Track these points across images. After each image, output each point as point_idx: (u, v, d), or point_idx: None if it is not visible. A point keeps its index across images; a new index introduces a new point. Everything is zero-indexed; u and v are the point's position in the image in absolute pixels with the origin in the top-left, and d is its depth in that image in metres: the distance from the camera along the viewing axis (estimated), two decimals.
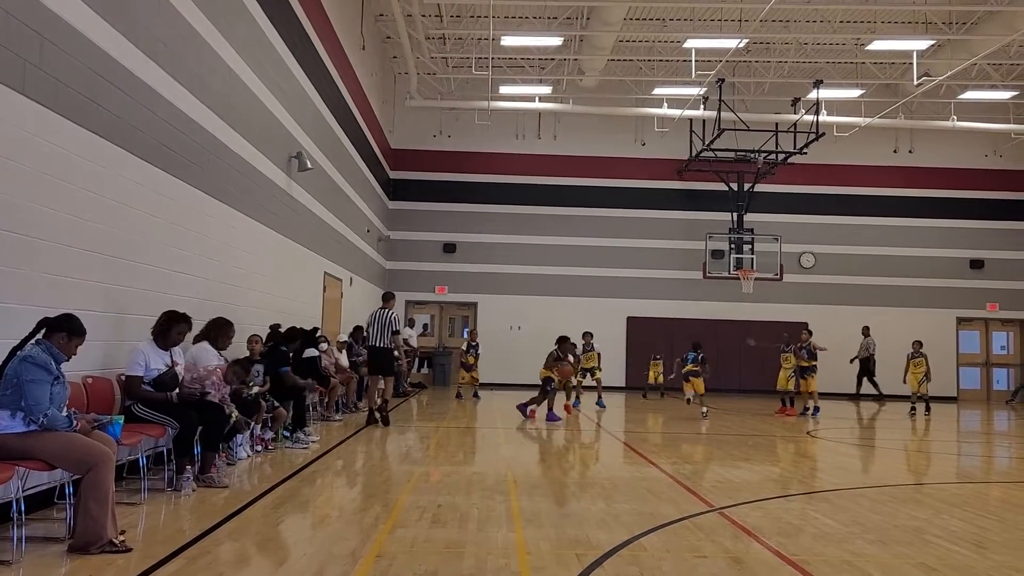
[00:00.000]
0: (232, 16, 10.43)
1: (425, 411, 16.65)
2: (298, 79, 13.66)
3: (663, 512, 6.77)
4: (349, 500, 7.45)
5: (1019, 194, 25.79)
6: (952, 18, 19.64)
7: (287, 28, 12.82)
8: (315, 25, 14.62)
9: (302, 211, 14.29)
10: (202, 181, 9.45)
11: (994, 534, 6.35)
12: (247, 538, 5.76)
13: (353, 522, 6.28)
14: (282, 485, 7.57)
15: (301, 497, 7.23)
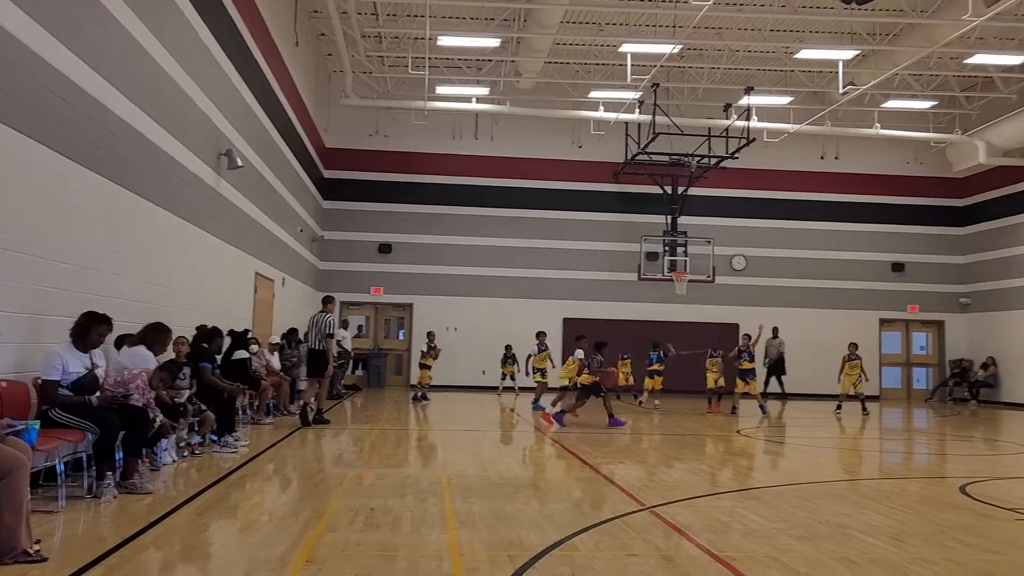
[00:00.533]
0: (159, 8, 10.16)
1: (359, 413, 16.48)
2: (228, 74, 13.39)
3: (596, 512, 6.82)
4: (279, 504, 7.31)
5: (938, 200, 26.72)
6: (875, 29, 20.25)
7: (217, 22, 12.56)
8: (247, 20, 14.35)
9: (232, 210, 14.01)
10: (125, 178, 9.18)
11: (911, 528, 6.55)
12: (171, 545, 5.61)
13: (283, 527, 6.16)
14: (209, 490, 7.39)
15: (229, 502, 7.07)
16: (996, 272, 25.11)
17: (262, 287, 16.31)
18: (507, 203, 25.47)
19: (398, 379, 25.34)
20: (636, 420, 16.34)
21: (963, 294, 26.45)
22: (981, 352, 25.40)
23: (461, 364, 24.33)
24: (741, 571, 5.09)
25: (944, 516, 7.04)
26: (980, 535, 6.31)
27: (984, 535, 6.33)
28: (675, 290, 23.93)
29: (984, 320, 25.62)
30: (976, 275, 26.09)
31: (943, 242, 26.69)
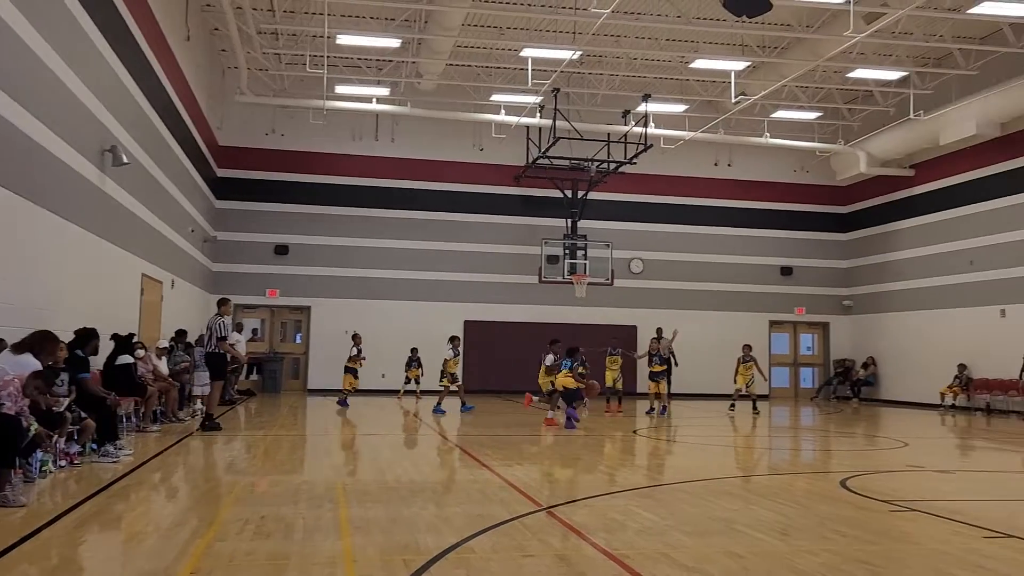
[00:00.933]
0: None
1: (253, 419, 16.04)
2: (113, 68, 12.84)
3: (493, 514, 6.80)
4: (165, 515, 7.02)
5: (823, 207, 27.92)
6: (765, 42, 21.01)
7: (100, 11, 12.02)
8: (133, 11, 13.79)
9: (117, 209, 13.43)
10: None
11: (796, 521, 6.80)
12: (46, 560, 5.31)
13: (168, 537, 5.92)
14: (88, 502, 7.04)
15: (111, 514, 6.76)
16: (876, 276, 26.41)
17: (149, 289, 15.69)
18: (408, 205, 25.30)
19: (295, 383, 24.80)
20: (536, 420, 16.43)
21: (846, 297, 27.71)
22: (862, 352, 26.66)
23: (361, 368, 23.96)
24: (634, 568, 5.17)
25: (826, 509, 7.34)
26: (858, 527, 6.60)
27: (861, 526, 6.62)
28: (575, 293, 24.25)
29: (865, 322, 26.90)
30: (858, 279, 27.38)
31: (828, 247, 27.90)
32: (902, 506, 7.50)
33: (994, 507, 7.97)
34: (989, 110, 20.41)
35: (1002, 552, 5.80)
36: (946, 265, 23.32)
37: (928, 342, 23.72)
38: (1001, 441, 14.84)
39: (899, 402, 24.57)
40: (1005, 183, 21.37)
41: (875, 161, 24.88)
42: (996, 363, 20.87)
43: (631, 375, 21.64)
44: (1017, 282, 20.85)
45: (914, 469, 10.59)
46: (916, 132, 22.58)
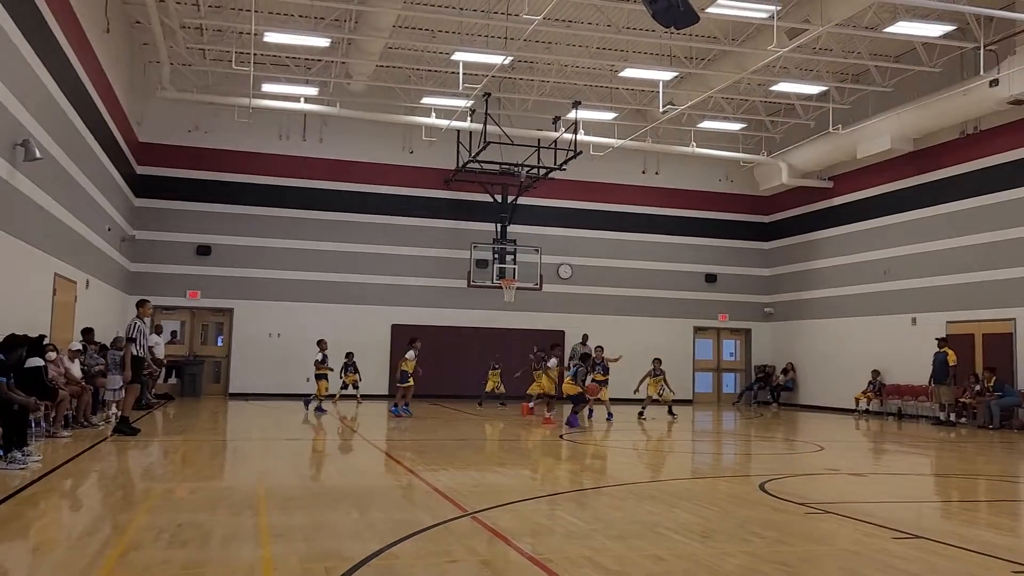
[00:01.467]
0: None
1: (171, 423, 15.61)
2: (26, 58, 12.35)
3: (418, 519, 6.75)
4: (76, 523, 6.78)
5: (746, 216, 28.60)
6: (693, 53, 21.43)
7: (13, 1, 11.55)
8: (49, 1, 13.30)
9: (29, 205, 12.91)
10: None
11: (716, 524, 6.93)
12: None
13: (79, 547, 5.71)
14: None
15: (19, 522, 6.48)
16: (795, 284, 27.16)
17: (62, 289, 15.13)
18: (335, 207, 24.98)
19: (216, 387, 24.22)
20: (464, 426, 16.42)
21: (767, 304, 28.42)
22: (782, 358, 27.37)
23: (284, 371, 23.61)
24: (557, 573, 5.19)
25: (745, 512, 7.50)
26: (776, 528, 6.76)
27: (779, 528, 6.78)
28: (503, 297, 24.29)
29: (785, 328, 27.63)
30: (778, 287, 28.12)
31: (750, 255, 28.58)
32: (817, 508, 7.72)
33: (903, 509, 8.27)
34: (903, 126, 21.20)
35: (910, 552, 6.01)
36: (862, 274, 24.12)
37: (844, 349, 24.49)
38: (911, 445, 15.41)
39: (816, 407, 25.30)
40: (917, 196, 22.23)
41: (796, 172, 25.60)
42: (907, 369, 21.67)
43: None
44: (928, 292, 21.69)
45: (829, 472, 10.91)
46: (835, 145, 23.32)
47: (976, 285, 20.22)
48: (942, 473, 11.75)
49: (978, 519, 7.99)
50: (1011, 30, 17.80)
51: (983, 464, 12.57)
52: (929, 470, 12.16)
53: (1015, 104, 18.45)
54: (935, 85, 20.34)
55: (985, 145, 20.24)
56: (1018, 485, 10.71)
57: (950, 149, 21.19)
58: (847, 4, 16.24)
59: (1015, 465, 12.71)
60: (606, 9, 18.72)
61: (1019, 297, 19.01)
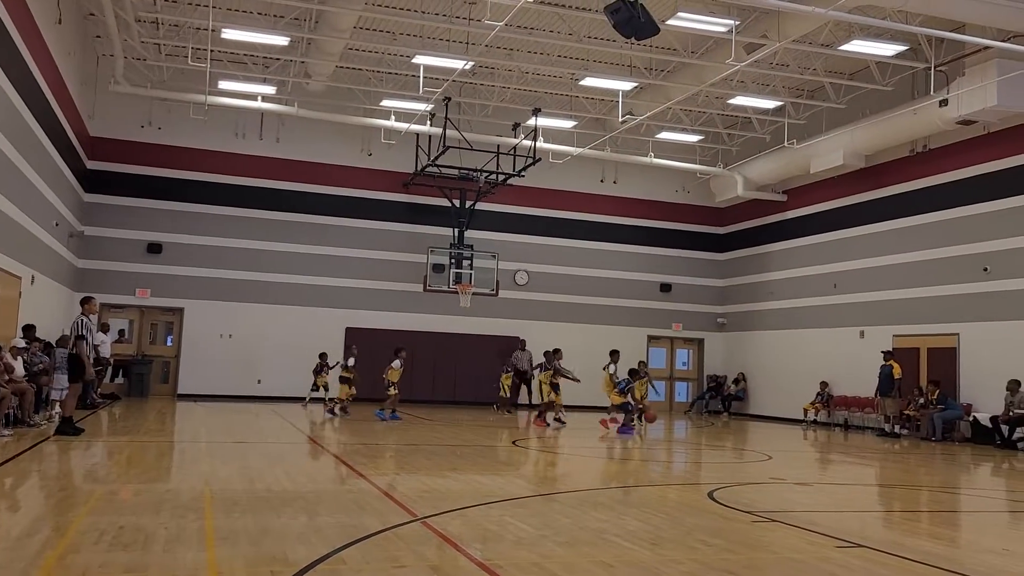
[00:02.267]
0: None
1: (117, 424, 15.30)
2: None
3: (366, 524, 6.70)
4: (14, 524, 6.58)
5: (701, 227, 28.93)
6: (652, 65, 21.64)
7: None
8: None
9: None
10: None
11: (664, 531, 6.98)
12: None
13: (16, 548, 5.56)
14: None
15: None
16: (748, 296, 27.54)
17: (5, 285, 14.74)
18: (291, 207, 24.72)
19: (164, 388, 23.79)
20: (416, 430, 16.34)
21: (720, 315, 28.76)
22: (734, 368, 27.71)
23: (235, 372, 23.30)
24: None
25: (693, 520, 7.57)
26: (722, 536, 6.84)
27: (726, 536, 6.86)
28: (459, 302, 24.25)
29: (737, 339, 27.99)
30: (732, 298, 28.48)
31: (705, 266, 28.91)
32: (764, 517, 7.82)
33: (847, 518, 8.42)
34: (855, 142, 21.64)
35: (853, 561, 6.12)
36: (812, 287, 24.55)
37: (794, 360, 24.88)
38: (856, 455, 15.71)
39: (766, 417, 25.65)
40: (868, 212, 22.69)
41: (751, 185, 25.98)
42: (855, 381, 22.07)
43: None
44: (875, 305, 22.14)
45: (776, 481, 11.07)
46: (789, 159, 23.72)
47: (922, 300, 20.69)
48: (885, 484, 11.99)
49: (919, 529, 8.17)
50: (960, 52, 18.29)
51: (925, 475, 12.86)
52: (873, 480, 12.40)
53: (963, 124, 18.94)
54: (887, 103, 20.80)
55: (934, 163, 20.74)
56: (958, 496, 10.98)
57: (900, 166, 21.69)
58: (804, 21, 16.55)
59: (955, 477, 13.02)
60: (568, 18, 18.83)
61: (963, 313, 19.50)
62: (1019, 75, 17.32)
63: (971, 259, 19.42)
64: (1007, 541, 7.71)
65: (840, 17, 14.83)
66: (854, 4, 14.45)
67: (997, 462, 15.05)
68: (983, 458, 15.60)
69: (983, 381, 18.67)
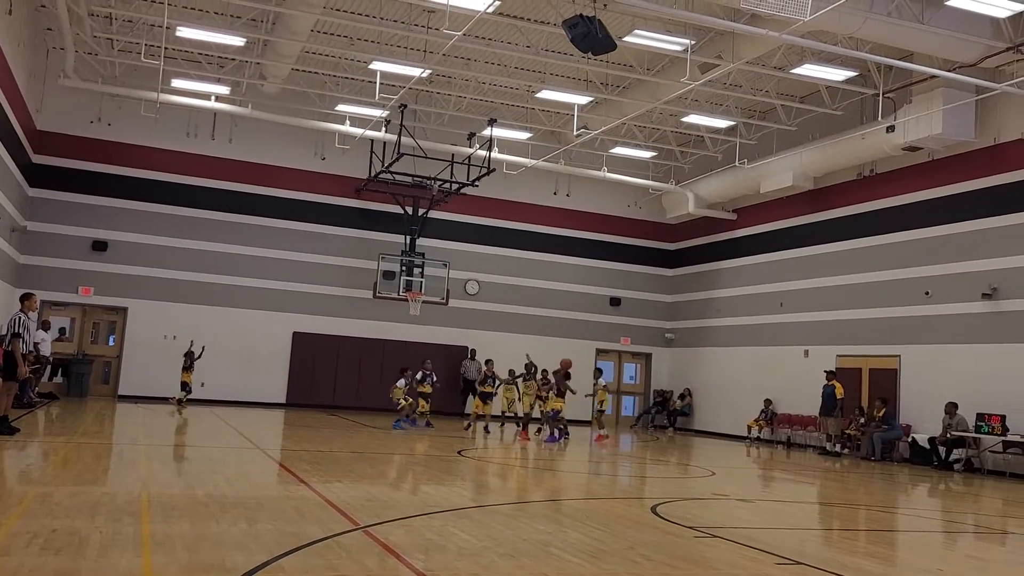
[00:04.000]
0: None
1: (54, 424, 14.90)
2: None
3: (307, 532, 6.62)
4: None
5: (652, 242, 29.22)
6: (608, 80, 21.85)
7: None
8: None
9: None
10: None
11: (606, 545, 7.01)
12: None
13: None
14: None
15: None
16: (696, 312, 27.87)
17: None
18: (241, 209, 24.38)
19: (104, 388, 23.25)
20: (361, 438, 16.19)
21: (668, 330, 29.06)
22: (680, 383, 27.99)
23: (178, 374, 22.84)
24: None
25: (635, 534, 7.61)
26: (664, 551, 6.89)
27: (667, 551, 6.91)
28: (409, 310, 24.14)
29: (684, 355, 28.29)
30: (680, 313, 28.79)
31: (654, 281, 29.20)
32: (705, 532, 7.90)
33: (787, 535, 8.55)
34: (805, 164, 22.09)
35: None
36: (759, 305, 24.93)
37: (739, 377, 25.22)
38: (797, 473, 15.97)
39: (711, 432, 25.94)
40: (815, 233, 23.15)
41: (702, 203, 26.34)
42: (798, 400, 22.44)
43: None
44: (820, 325, 22.57)
45: (719, 497, 11.19)
46: (740, 179, 24.11)
47: (866, 321, 21.14)
48: (825, 502, 12.20)
49: (857, 547, 8.32)
50: (908, 80, 18.79)
51: (864, 495, 13.11)
52: (813, 498, 12.61)
53: (909, 150, 19.47)
54: (836, 127, 21.28)
55: (880, 188, 21.25)
56: (895, 516, 11.21)
57: (848, 189, 22.17)
58: (757, 44, 16.87)
59: (893, 496, 13.31)
60: (526, 30, 18.94)
61: (904, 335, 19.97)
62: (963, 105, 17.90)
63: (914, 283, 19.92)
64: (941, 561, 7.90)
65: (793, 41, 15.17)
66: (807, 29, 14.76)
67: (934, 483, 15.43)
68: (921, 478, 15.97)
69: (922, 403, 19.12)
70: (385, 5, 18.29)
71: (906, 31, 15.53)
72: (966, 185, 18.98)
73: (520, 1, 17.95)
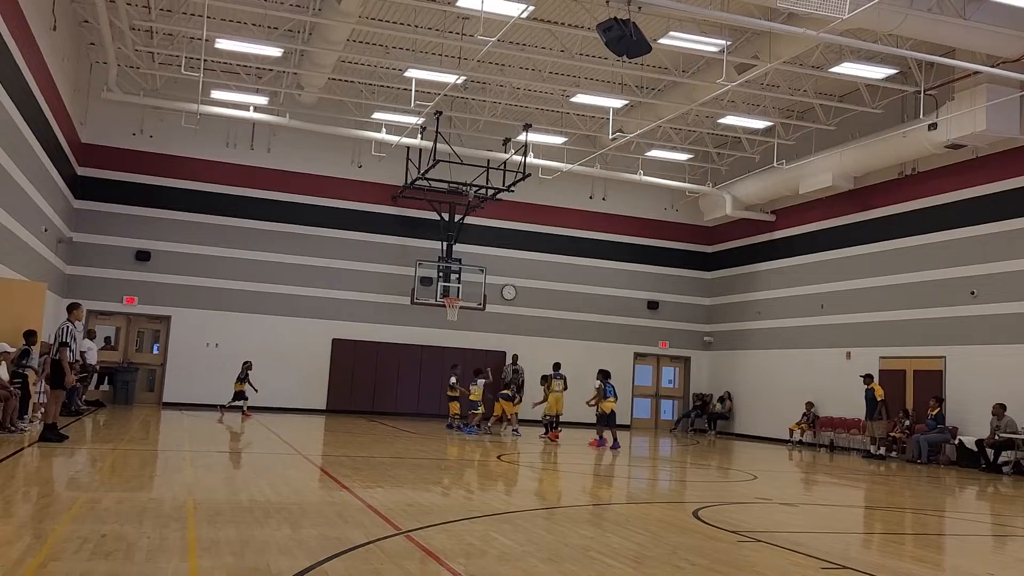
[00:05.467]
0: None
1: (101, 431, 15.18)
2: None
3: (350, 536, 6.67)
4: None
5: (689, 245, 29.03)
6: (643, 83, 21.78)
7: None
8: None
9: None
10: None
11: (648, 550, 6.96)
12: None
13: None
14: None
15: None
16: (735, 315, 27.61)
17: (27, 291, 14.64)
18: (280, 217, 24.69)
19: (149, 396, 23.66)
20: (400, 443, 16.27)
21: (707, 333, 28.83)
22: (720, 387, 27.75)
23: (220, 382, 23.15)
24: None
25: (677, 539, 7.55)
26: (706, 556, 6.82)
27: (710, 556, 6.84)
28: (447, 316, 24.23)
29: (723, 358, 28.04)
30: (719, 316, 28.55)
31: (692, 284, 28.99)
32: (749, 537, 7.82)
33: (832, 539, 8.42)
34: (844, 164, 21.80)
35: None
36: (799, 307, 24.64)
37: (780, 380, 24.93)
38: (841, 476, 15.73)
39: (752, 436, 25.68)
40: (855, 234, 22.83)
41: (740, 204, 26.11)
42: (841, 402, 22.13)
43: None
44: (862, 327, 22.24)
45: (762, 501, 11.07)
46: (778, 180, 23.86)
47: (909, 322, 20.80)
48: (871, 505, 12.00)
49: (903, 552, 8.18)
50: (950, 76, 18.48)
51: (910, 498, 12.88)
52: (858, 502, 12.41)
53: (952, 148, 19.12)
54: (877, 126, 20.98)
55: (922, 186, 20.91)
56: (943, 519, 11.00)
57: (889, 189, 21.84)
58: (795, 43, 16.70)
59: (941, 500, 13.05)
60: (560, 35, 18.94)
61: (950, 336, 19.61)
62: (1008, 100, 17.54)
63: (959, 282, 19.55)
64: (992, 566, 7.73)
65: (831, 40, 14.99)
66: (845, 27, 14.58)
67: (982, 486, 15.11)
68: (969, 481, 15.65)
69: (969, 404, 18.76)
70: (419, 13, 18.43)
71: (947, 26, 15.28)
72: (1011, 182, 18.62)
73: (554, 6, 17.97)
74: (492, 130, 24.69)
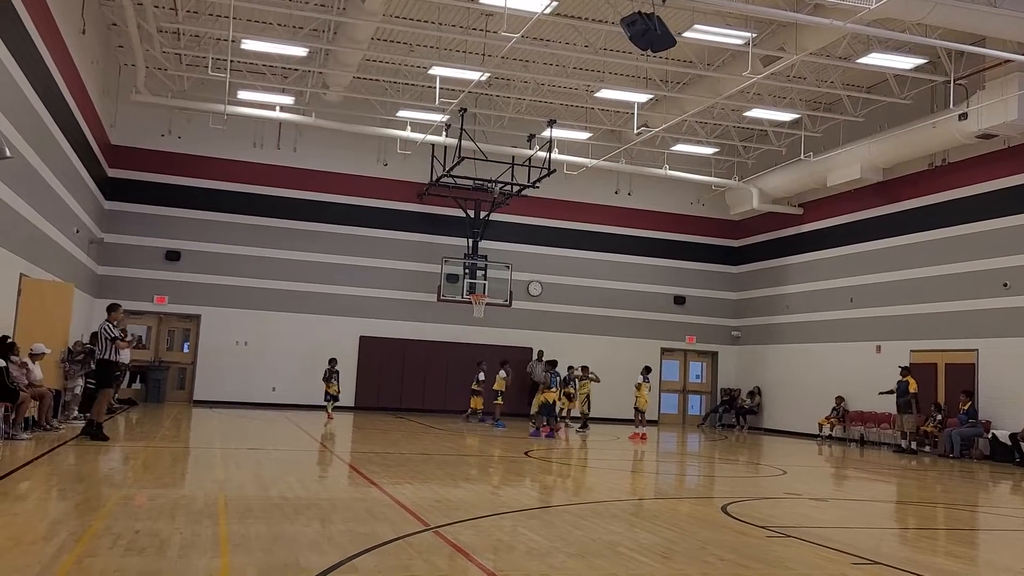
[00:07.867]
0: None
1: (134, 429, 15.40)
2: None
3: (379, 532, 6.71)
4: (29, 528, 6.64)
5: (716, 239, 28.86)
6: (668, 77, 21.66)
7: None
8: None
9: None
10: None
11: (677, 545, 6.95)
12: None
13: (32, 552, 5.61)
14: None
15: None
16: (763, 309, 27.41)
17: (28, 290, 14.88)
18: (307, 216, 24.86)
19: (180, 394, 23.94)
20: (428, 439, 16.34)
21: (735, 328, 28.65)
22: (748, 381, 27.56)
23: (250, 380, 23.43)
24: None
25: (706, 534, 7.53)
26: (736, 551, 6.80)
27: (739, 551, 6.82)
28: (473, 313, 24.28)
29: (751, 352, 27.85)
30: (746, 311, 28.36)
31: (719, 279, 28.81)
32: (778, 532, 7.77)
33: (863, 535, 8.35)
34: (873, 156, 21.54)
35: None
36: (828, 301, 24.40)
37: (809, 374, 24.71)
38: (872, 471, 15.58)
39: (781, 431, 25.49)
40: (885, 226, 22.56)
41: (767, 198, 25.89)
42: (871, 397, 21.88)
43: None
44: (892, 320, 21.99)
45: (791, 496, 10.99)
46: (805, 172, 23.63)
47: (940, 315, 20.53)
48: (902, 500, 11.89)
49: (936, 547, 8.09)
50: (980, 65, 18.20)
51: (942, 493, 12.74)
52: (889, 497, 12.29)
53: (983, 138, 18.83)
54: (905, 117, 20.71)
55: (953, 177, 20.61)
56: (976, 514, 10.87)
57: (918, 180, 21.57)
58: (821, 34, 16.53)
59: (974, 494, 12.89)
60: (584, 30, 18.89)
61: (982, 328, 19.33)
62: None
63: (991, 274, 19.26)
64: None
65: (858, 30, 14.82)
66: (872, 17, 14.41)
67: (1017, 480, 14.91)
68: (1002, 476, 15.44)
69: (1002, 398, 18.49)
70: (443, 10, 18.46)
71: (978, 15, 15.05)
72: None
73: (577, 1, 17.92)
74: (517, 126, 24.68)
